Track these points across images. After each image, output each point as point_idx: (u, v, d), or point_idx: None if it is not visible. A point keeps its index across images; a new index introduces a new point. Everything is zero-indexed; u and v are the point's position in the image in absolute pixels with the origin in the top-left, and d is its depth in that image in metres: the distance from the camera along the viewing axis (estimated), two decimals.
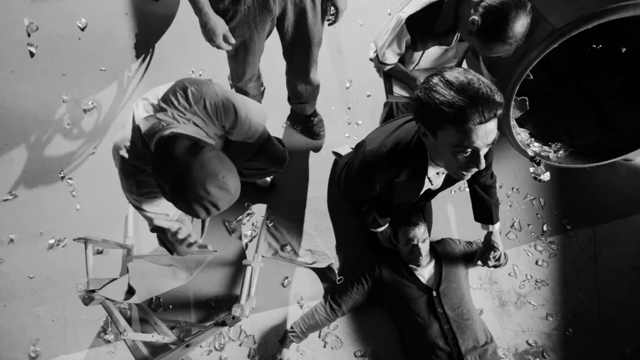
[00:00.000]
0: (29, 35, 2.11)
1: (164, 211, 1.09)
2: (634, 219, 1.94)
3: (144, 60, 2.14)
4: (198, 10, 1.18)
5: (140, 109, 1.02)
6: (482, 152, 0.95)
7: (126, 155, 0.98)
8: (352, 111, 2.07)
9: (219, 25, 1.23)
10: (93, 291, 1.29)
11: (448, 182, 1.39)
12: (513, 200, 1.96)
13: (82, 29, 2.15)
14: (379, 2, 2.28)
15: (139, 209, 1.05)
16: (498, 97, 0.89)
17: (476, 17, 1.18)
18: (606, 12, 1.22)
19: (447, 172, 1.26)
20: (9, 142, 1.92)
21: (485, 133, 0.91)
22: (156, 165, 0.90)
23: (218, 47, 1.29)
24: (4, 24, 2.12)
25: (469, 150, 0.94)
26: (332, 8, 1.39)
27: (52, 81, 2.05)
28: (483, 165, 0.96)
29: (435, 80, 0.94)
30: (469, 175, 1.04)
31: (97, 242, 1.45)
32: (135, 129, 0.97)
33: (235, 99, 1.15)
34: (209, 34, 1.24)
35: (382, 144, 1.20)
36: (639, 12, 1.18)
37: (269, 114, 1.36)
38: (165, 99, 1.03)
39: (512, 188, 1.98)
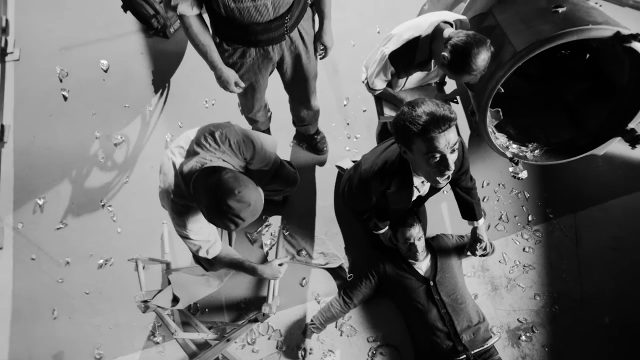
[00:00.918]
0: (61, 81, 2.35)
1: (206, 238, 1.29)
2: (610, 204, 2.10)
3: (161, 94, 2.35)
4: (213, 67, 1.40)
5: (177, 156, 1.25)
6: (450, 158, 1.18)
7: (174, 197, 1.22)
8: (351, 126, 2.26)
9: (231, 75, 1.44)
10: (147, 301, 1.55)
11: (434, 189, 1.62)
12: (500, 195, 2.14)
13: (105, 71, 2.39)
14: (368, 22, 2.46)
15: (187, 238, 1.27)
16: (450, 113, 1.13)
17: (445, 54, 1.40)
18: (556, 37, 1.43)
19: None
20: (55, 178, 2.16)
21: (446, 140, 1.14)
22: (194, 196, 1.12)
23: (231, 92, 1.52)
24: (39, 74, 2.36)
25: (438, 155, 1.17)
26: (321, 45, 1.57)
27: (84, 120, 2.28)
28: (452, 168, 1.19)
29: (404, 109, 1.19)
30: (444, 182, 1.27)
31: (145, 261, 1.71)
32: (178, 174, 1.21)
33: (251, 135, 1.37)
34: (223, 83, 1.46)
35: (373, 163, 1.44)
36: (582, 36, 1.39)
37: (277, 135, 1.57)
38: (198, 143, 1.25)
39: (499, 184, 2.16)
